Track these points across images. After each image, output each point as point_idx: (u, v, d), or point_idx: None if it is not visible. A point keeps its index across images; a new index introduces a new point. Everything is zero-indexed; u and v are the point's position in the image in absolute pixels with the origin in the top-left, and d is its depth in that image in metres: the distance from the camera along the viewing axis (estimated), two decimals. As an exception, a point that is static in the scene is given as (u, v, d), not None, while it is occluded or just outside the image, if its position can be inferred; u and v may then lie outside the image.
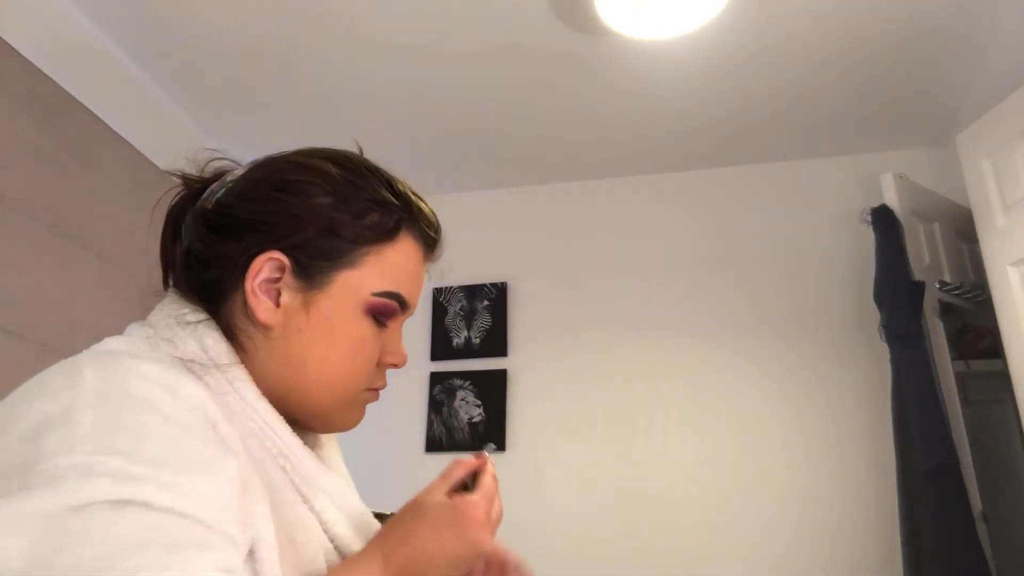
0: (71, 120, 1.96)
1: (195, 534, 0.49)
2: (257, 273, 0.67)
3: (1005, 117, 1.98)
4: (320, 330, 0.68)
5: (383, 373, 0.74)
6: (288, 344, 0.68)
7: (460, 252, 2.87)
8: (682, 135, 2.58)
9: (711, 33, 2.03)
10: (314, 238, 0.68)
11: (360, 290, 0.69)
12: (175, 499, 0.49)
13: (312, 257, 0.68)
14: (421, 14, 2.00)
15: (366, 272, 0.69)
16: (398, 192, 0.72)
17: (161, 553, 0.47)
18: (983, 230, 2.05)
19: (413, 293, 0.73)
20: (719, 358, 2.53)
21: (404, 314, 0.73)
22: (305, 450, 0.67)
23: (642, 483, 2.43)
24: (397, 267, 0.71)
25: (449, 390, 2.66)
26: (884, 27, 2.04)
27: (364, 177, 0.71)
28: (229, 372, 0.65)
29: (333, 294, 0.68)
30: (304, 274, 0.68)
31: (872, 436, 2.30)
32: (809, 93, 2.34)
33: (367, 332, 0.70)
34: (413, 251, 0.73)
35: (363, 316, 0.69)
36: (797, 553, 2.26)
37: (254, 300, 0.67)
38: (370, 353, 0.70)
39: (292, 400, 0.68)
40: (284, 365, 0.68)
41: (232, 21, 2.02)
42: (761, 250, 2.63)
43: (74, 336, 1.86)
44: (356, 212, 0.69)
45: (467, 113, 2.46)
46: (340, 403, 0.70)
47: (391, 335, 0.73)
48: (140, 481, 0.49)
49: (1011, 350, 1.92)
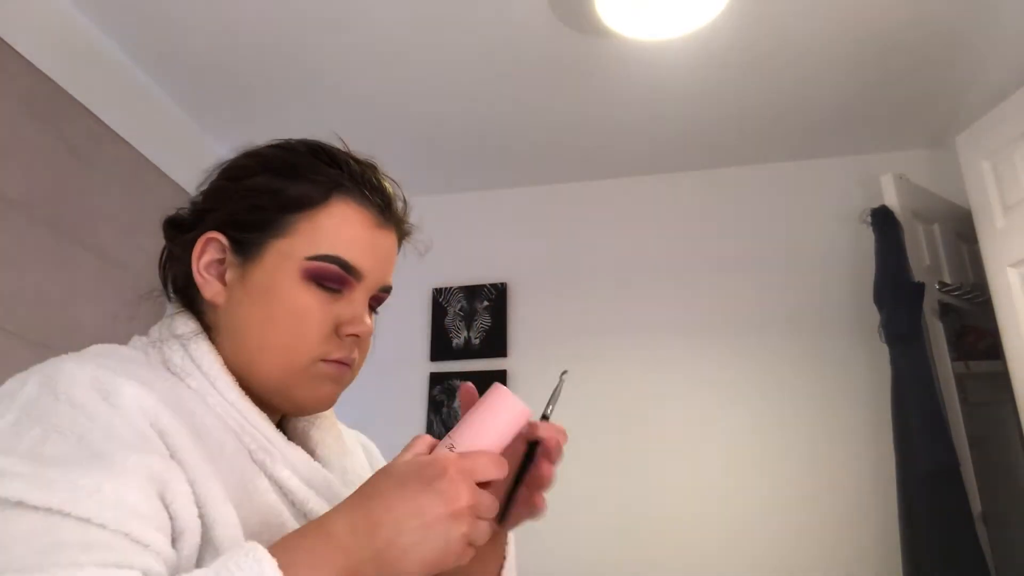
0: (71, 120, 1.96)
1: (78, 534, 0.48)
2: (201, 255, 0.71)
3: (1005, 118, 1.99)
4: (257, 300, 0.69)
5: (344, 344, 0.70)
6: (233, 318, 0.70)
7: (460, 252, 2.88)
8: (682, 136, 2.58)
9: (711, 34, 2.03)
10: (243, 212, 0.71)
11: (292, 256, 0.69)
12: (53, 497, 0.49)
13: (243, 231, 0.70)
14: (421, 15, 2.00)
15: (298, 239, 0.69)
16: (336, 161, 0.73)
17: (34, 554, 0.47)
18: (983, 231, 2.05)
19: (362, 257, 0.71)
20: (719, 358, 2.53)
21: (360, 281, 0.71)
22: (276, 433, 0.68)
23: (642, 483, 2.43)
24: (334, 231, 0.70)
25: (449, 391, 2.66)
26: (884, 28, 2.04)
27: (301, 154, 0.73)
28: (191, 345, 0.68)
29: (266, 264, 0.69)
30: (240, 249, 0.70)
31: (872, 437, 2.30)
32: (809, 94, 2.34)
33: (310, 300, 0.69)
34: (354, 215, 0.71)
35: (303, 283, 0.69)
36: (797, 553, 2.26)
37: (201, 281, 0.70)
38: (316, 322, 0.69)
39: (248, 377, 0.69)
40: (233, 339, 0.70)
41: (232, 22, 2.02)
42: (761, 251, 2.63)
43: (74, 336, 1.86)
44: (285, 183, 0.70)
45: (467, 114, 2.46)
46: (291, 375, 0.69)
47: (350, 304, 0.71)
48: (18, 479, 0.49)
49: (1011, 351, 1.92)
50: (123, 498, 0.50)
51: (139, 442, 0.55)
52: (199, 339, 0.69)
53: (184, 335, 0.69)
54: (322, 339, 0.69)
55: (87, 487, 0.50)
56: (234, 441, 0.65)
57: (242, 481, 0.62)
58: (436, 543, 0.54)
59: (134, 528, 0.50)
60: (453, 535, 0.54)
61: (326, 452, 0.77)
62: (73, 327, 1.87)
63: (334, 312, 0.70)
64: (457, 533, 0.55)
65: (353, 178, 0.72)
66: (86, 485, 0.50)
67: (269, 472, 0.66)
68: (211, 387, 0.66)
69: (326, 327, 0.69)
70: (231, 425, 0.65)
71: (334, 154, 0.74)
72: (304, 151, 0.74)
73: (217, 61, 2.18)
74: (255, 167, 0.73)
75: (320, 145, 0.75)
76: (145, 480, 0.53)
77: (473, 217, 2.90)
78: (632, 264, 2.72)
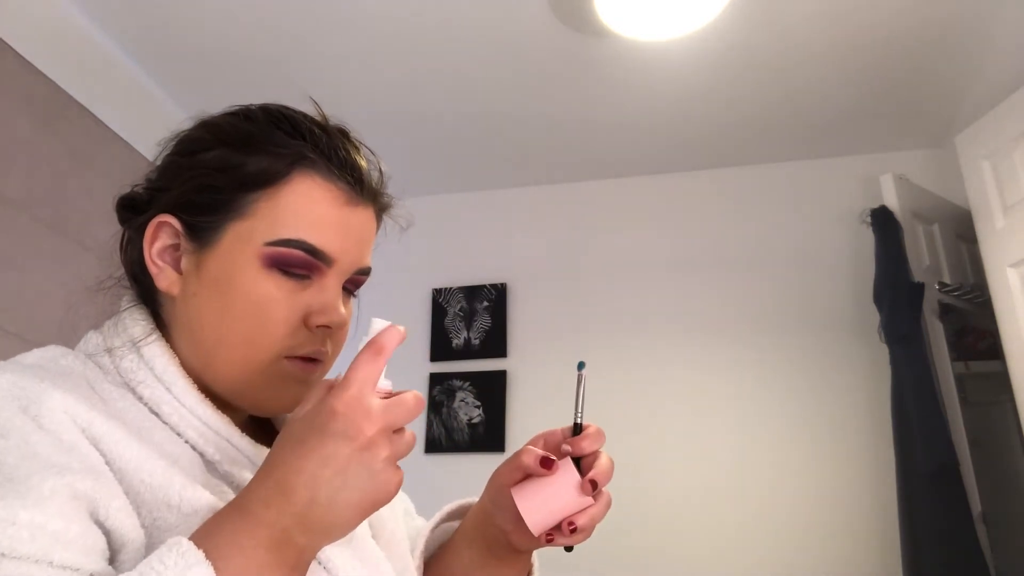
0: (71, 121, 1.96)
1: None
2: (153, 241, 0.64)
3: (1004, 118, 1.99)
4: (213, 290, 0.62)
5: (315, 338, 0.63)
6: (188, 311, 0.63)
7: (460, 252, 2.89)
8: (682, 136, 2.58)
9: (711, 34, 2.03)
10: (195, 193, 0.63)
11: (251, 241, 0.61)
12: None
13: (196, 213, 0.63)
14: (420, 15, 2.00)
15: (258, 221, 0.61)
16: (299, 130, 0.65)
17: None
18: (982, 231, 2.05)
19: (331, 240, 0.63)
20: (718, 359, 2.53)
21: (330, 266, 0.63)
22: (242, 438, 0.62)
23: (642, 484, 2.43)
24: (297, 212, 0.62)
25: (449, 391, 2.66)
26: (884, 29, 2.04)
27: (259, 123, 0.65)
28: (144, 348, 0.61)
29: (223, 250, 0.62)
30: (195, 234, 0.63)
31: (872, 436, 2.30)
32: (809, 94, 2.34)
33: (273, 289, 0.61)
34: (320, 191, 0.63)
35: (264, 270, 0.61)
36: (796, 553, 2.26)
37: (155, 269, 0.63)
38: (280, 313, 0.61)
39: (207, 377, 0.63)
40: (187, 334, 0.63)
41: (232, 22, 2.02)
42: (761, 251, 2.64)
43: (74, 336, 1.86)
44: (241, 158, 0.63)
45: (467, 113, 2.46)
46: (253, 374, 0.62)
47: (320, 292, 0.63)
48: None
49: (1010, 351, 1.92)
50: (42, 526, 0.46)
51: (63, 458, 0.50)
52: (152, 342, 0.62)
53: (135, 336, 0.62)
54: (288, 332, 0.62)
55: (0, 519, 0.45)
56: (189, 454, 0.59)
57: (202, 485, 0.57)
58: (359, 481, 0.50)
59: (57, 556, 0.46)
60: (376, 465, 0.51)
61: None
62: (73, 327, 1.87)
63: (302, 301, 0.62)
64: (378, 462, 0.51)
65: (318, 149, 0.64)
66: (17, 518, 0.45)
67: (237, 483, 0.60)
68: (166, 393, 0.60)
69: (293, 318, 0.62)
70: (191, 435, 0.59)
71: (296, 122, 0.65)
72: (263, 119, 0.65)
73: (217, 61, 2.18)
74: (209, 139, 0.65)
75: (281, 111, 0.66)
76: (68, 502, 0.47)
77: (473, 217, 2.90)
78: (632, 264, 2.72)
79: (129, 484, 0.53)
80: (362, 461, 0.50)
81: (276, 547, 0.49)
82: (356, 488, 0.50)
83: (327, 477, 0.50)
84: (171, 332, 0.64)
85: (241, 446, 0.62)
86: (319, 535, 0.51)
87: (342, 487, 0.50)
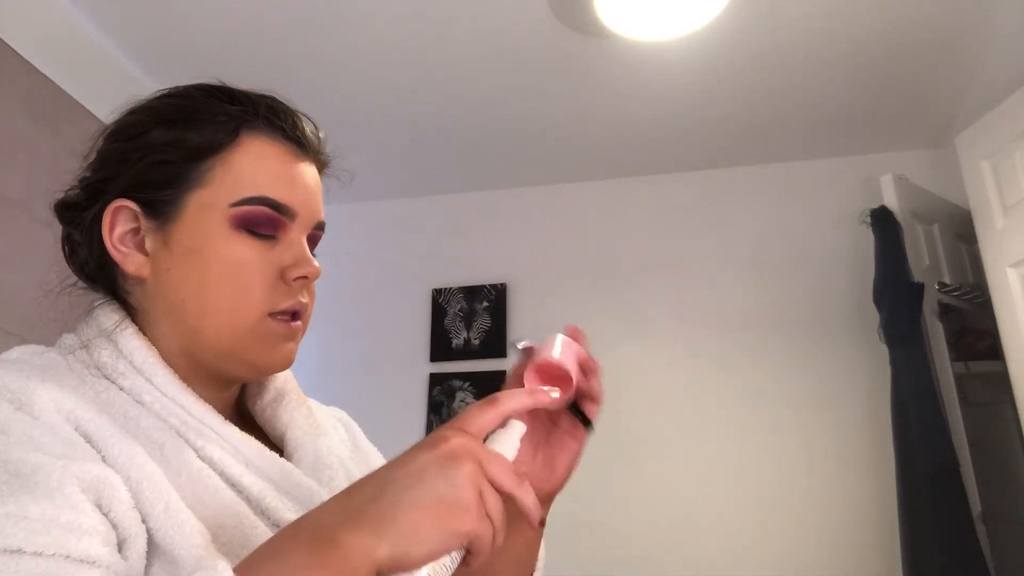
0: (71, 121, 1.96)
1: (11, 568, 0.44)
2: (112, 228, 0.64)
3: (1004, 119, 1.99)
4: (187, 262, 0.63)
5: (293, 291, 0.65)
6: (164, 289, 0.64)
7: (460, 253, 2.89)
8: (681, 137, 2.58)
9: (710, 35, 2.03)
10: (149, 171, 0.64)
11: (216, 206, 0.63)
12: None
13: (154, 190, 0.64)
14: (420, 15, 2.00)
15: (217, 186, 0.63)
16: (235, 98, 0.68)
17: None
18: (982, 231, 2.05)
19: (289, 194, 0.65)
20: (718, 358, 2.53)
21: (293, 220, 0.66)
22: (225, 425, 0.63)
23: (642, 484, 2.43)
24: (253, 170, 0.64)
25: (448, 391, 2.66)
26: (883, 29, 2.05)
27: (196, 98, 0.68)
28: (119, 339, 0.62)
29: (188, 220, 0.63)
30: (155, 212, 0.64)
31: (872, 437, 2.30)
32: (808, 94, 2.34)
33: (245, 250, 0.63)
34: (269, 149, 0.66)
35: (234, 233, 0.63)
36: (796, 553, 2.26)
37: (120, 256, 0.64)
38: (257, 272, 0.63)
39: (196, 351, 0.63)
40: (168, 313, 0.64)
41: (233, 22, 2.02)
42: (761, 251, 2.64)
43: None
44: (186, 132, 0.65)
45: (466, 114, 2.46)
46: (241, 337, 0.63)
47: (290, 247, 0.65)
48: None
49: (1010, 351, 1.92)
50: (55, 518, 0.45)
51: (65, 450, 0.50)
52: (126, 330, 0.63)
53: (108, 329, 0.63)
54: (267, 290, 0.63)
55: (12, 514, 0.44)
56: (174, 440, 0.59)
57: (190, 484, 0.57)
58: (435, 485, 0.47)
59: (74, 547, 0.45)
60: (457, 479, 0.47)
61: (298, 434, 0.71)
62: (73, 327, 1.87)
63: (275, 259, 0.64)
64: (461, 476, 0.47)
65: (258, 112, 0.67)
66: (10, 512, 0.45)
67: (220, 470, 0.60)
68: (146, 383, 0.61)
69: (269, 277, 0.64)
70: (173, 423, 0.60)
71: (231, 91, 0.69)
72: (197, 94, 0.68)
73: (217, 61, 2.18)
74: (148, 122, 0.66)
75: (211, 85, 0.70)
76: (77, 492, 0.48)
77: (473, 217, 2.90)
78: (632, 264, 2.72)
79: (125, 479, 0.53)
80: (442, 468, 0.48)
81: (318, 547, 0.45)
82: (430, 491, 0.47)
83: (398, 476, 0.48)
84: (147, 317, 0.65)
85: (226, 434, 0.62)
86: (370, 534, 0.45)
87: (412, 486, 0.47)
